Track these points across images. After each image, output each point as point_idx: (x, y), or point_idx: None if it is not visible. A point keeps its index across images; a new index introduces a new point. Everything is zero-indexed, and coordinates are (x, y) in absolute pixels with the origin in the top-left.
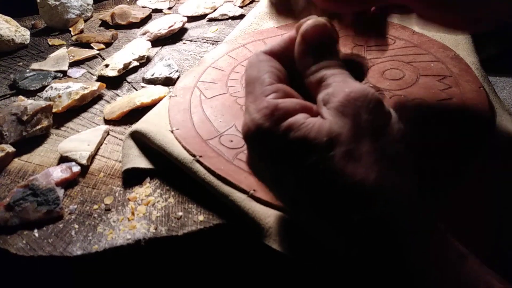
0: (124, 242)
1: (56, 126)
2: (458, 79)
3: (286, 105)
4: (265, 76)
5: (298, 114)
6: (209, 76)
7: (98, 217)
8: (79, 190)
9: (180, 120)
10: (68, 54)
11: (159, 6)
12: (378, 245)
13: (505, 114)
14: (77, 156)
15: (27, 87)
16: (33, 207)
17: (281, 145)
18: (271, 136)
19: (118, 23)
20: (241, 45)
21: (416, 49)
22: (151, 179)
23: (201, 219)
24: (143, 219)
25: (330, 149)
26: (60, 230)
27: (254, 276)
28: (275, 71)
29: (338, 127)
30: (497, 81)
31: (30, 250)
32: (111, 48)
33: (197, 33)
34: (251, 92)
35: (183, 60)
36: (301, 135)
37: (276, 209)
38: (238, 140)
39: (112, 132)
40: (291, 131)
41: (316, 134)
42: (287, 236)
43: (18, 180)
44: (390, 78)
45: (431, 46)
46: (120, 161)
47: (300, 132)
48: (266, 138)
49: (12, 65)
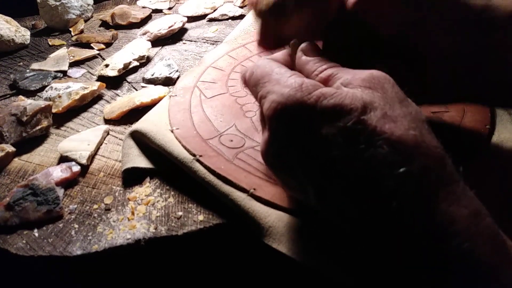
0: (124, 242)
1: (56, 126)
2: None
3: (311, 81)
4: (279, 68)
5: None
6: (209, 76)
7: (98, 216)
8: (79, 190)
9: (180, 119)
10: (68, 54)
11: (159, 6)
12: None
13: (505, 114)
14: (77, 156)
15: (27, 87)
16: (33, 207)
17: (315, 115)
18: (303, 106)
19: (118, 23)
20: (241, 45)
21: None
22: (151, 179)
23: (201, 218)
24: (143, 219)
25: (367, 112)
26: (60, 230)
27: (254, 276)
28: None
29: (370, 96)
30: None
31: (30, 250)
32: (111, 48)
33: (197, 33)
34: (268, 81)
35: (183, 60)
36: (336, 102)
37: (277, 208)
38: (238, 139)
39: (112, 132)
40: (324, 99)
41: (351, 100)
42: (287, 235)
43: (18, 179)
44: None
45: None
46: (120, 160)
47: (335, 99)
48: (299, 109)
49: (12, 65)
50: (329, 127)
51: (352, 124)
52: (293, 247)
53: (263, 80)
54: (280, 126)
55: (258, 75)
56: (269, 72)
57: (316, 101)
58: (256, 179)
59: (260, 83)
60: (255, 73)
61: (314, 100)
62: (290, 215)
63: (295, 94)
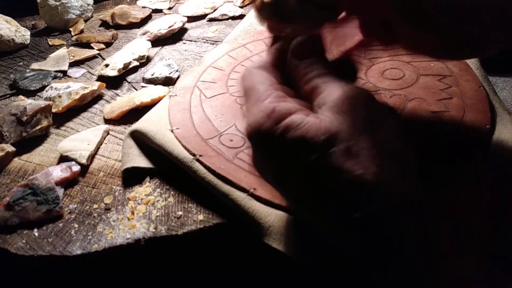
0: (123, 242)
1: (56, 125)
2: (458, 78)
3: (283, 106)
4: (259, 85)
5: (296, 114)
6: (209, 76)
7: (98, 216)
8: (79, 190)
9: (180, 119)
10: (68, 54)
11: (159, 6)
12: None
13: (505, 114)
14: (77, 156)
15: (27, 87)
16: (33, 207)
17: (281, 145)
18: (271, 136)
19: (118, 23)
20: (241, 45)
21: None
22: (151, 179)
23: (201, 218)
24: (143, 219)
25: (329, 147)
26: (60, 230)
27: (254, 275)
28: (268, 78)
29: (335, 125)
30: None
31: (30, 249)
32: (111, 48)
33: (197, 33)
34: (250, 96)
35: (183, 60)
36: (299, 134)
37: (276, 207)
38: (238, 139)
39: (112, 131)
40: (290, 131)
41: (314, 133)
42: (287, 235)
43: (18, 179)
44: (390, 78)
45: None
46: (120, 160)
47: (298, 131)
48: (267, 138)
49: (12, 65)
50: (294, 157)
51: (314, 159)
52: (293, 247)
53: (247, 93)
54: (254, 145)
55: (245, 87)
56: (252, 87)
57: (282, 132)
58: (256, 178)
59: (246, 96)
60: (244, 84)
61: (281, 131)
62: (290, 215)
63: (264, 123)
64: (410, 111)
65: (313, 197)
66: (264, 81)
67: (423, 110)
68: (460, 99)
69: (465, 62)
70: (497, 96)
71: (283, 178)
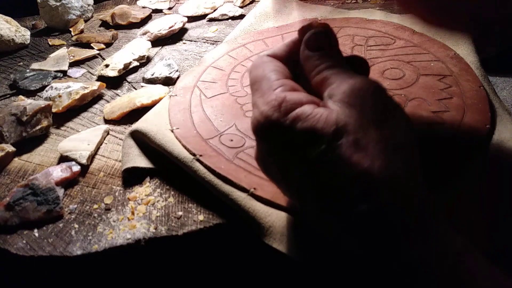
0: (124, 242)
1: (56, 125)
2: (458, 78)
3: (293, 97)
4: (271, 74)
5: (305, 105)
6: (209, 76)
7: (98, 216)
8: (79, 190)
9: (180, 119)
10: (68, 54)
11: (159, 7)
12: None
13: (505, 114)
14: (77, 156)
15: (27, 87)
16: (33, 207)
17: (289, 136)
18: (279, 127)
19: (118, 23)
20: (241, 45)
21: (416, 49)
22: (151, 179)
23: (201, 218)
24: (143, 219)
25: (337, 138)
26: (60, 230)
27: (254, 276)
28: (280, 69)
29: (345, 116)
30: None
31: (30, 250)
32: (111, 48)
33: (197, 33)
34: (257, 89)
35: (183, 60)
36: (309, 125)
37: (277, 208)
38: (238, 139)
39: (112, 131)
40: (299, 122)
41: (323, 124)
42: (287, 235)
43: (18, 179)
44: (390, 78)
45: (431, 45)
46: (120, 160)
47: (308, 122)
48: (275, 129)
49: (12, 65)
50: (302, 149)
51: (322, 151)
52: (293, 247)
53: (255, 85)
54: (260, 140)
55: (253, 78)
56: (260, 78)
57: (291, 124)
58: (256, 178)
59: (253, 88)
60: (252, 74)
61: (289, 122)
62: (290, 215)
63: (272, 115)
64: (410, 111)
65: (318, 190)
66: (277, 70)
67: (423, 110)
68: (460, 99)
69: (465, 62)
70: (497, 96)
71: (288, 171)
